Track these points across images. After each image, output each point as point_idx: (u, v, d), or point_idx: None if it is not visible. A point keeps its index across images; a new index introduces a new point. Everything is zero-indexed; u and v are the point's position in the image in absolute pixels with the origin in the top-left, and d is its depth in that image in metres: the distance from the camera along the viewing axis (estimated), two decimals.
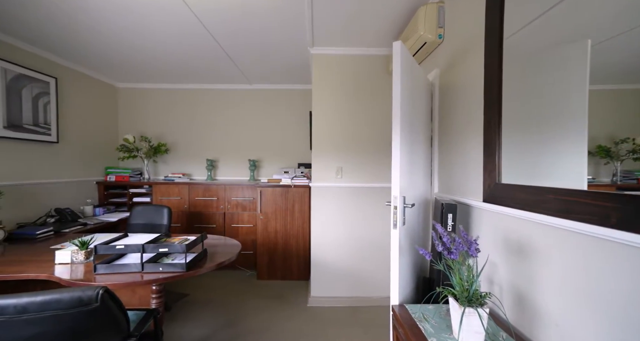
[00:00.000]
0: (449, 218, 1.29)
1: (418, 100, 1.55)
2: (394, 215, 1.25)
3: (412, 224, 1.44)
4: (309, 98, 3.61)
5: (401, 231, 1.26)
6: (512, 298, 0.99)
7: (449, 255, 0.93)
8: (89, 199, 3.11)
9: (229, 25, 2.12)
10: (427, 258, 1.00)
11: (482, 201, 1.20)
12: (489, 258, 1.06)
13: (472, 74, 1.36)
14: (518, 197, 0.94)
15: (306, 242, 2.97)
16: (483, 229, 1.22)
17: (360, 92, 2.58)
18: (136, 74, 3.28)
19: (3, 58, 2.27)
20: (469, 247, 0.92)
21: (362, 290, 2.57)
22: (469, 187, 1.37)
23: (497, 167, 1.10)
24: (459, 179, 1.47)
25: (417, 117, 1.53)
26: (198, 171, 3.66)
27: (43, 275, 1.42)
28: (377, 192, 2.57)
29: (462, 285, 0.90)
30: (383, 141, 2.58)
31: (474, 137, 1.33)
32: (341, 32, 2.24)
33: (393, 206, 1.26)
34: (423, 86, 1.65)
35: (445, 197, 1.53)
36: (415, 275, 1.47)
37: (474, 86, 1.33)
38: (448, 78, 1.63)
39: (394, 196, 1.26)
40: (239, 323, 2.19)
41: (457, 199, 1.41)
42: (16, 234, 2.08)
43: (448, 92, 1.63)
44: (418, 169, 1.57)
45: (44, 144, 2.63)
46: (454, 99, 1.54)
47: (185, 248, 1.48)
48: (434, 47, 1.76)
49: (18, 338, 0.95)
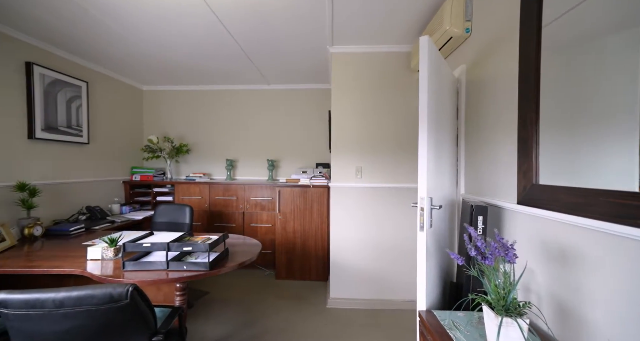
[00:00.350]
0: (479, 221, 1.22)
1: (444, 97, 1.49)
2: (421, 217, 1.20)
3: (438, 227, 1.38)
4: (326, 98, 3.59)
5: (428, 233, 1.21)
6: (553, 309, 0.92)
7: (483, 260, 0.88)
8: (116, 197, 3.25)
9: (248, 26, 2.14)
10: (458, 262, 0.95)
11: (516, 203, 1.13)
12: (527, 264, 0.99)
13: (503, 68, 1.28)
14: (562, 199, 0.87)
15: (325, 242, 2.95)
16: (517, 233, 1.15)
17: (380, 91, 2.53)
18: (160, 77, 3.38)
19: (42, 64, 2.41)
20: (506, 253, 0.86)
21: (382, 292, 2.52)
22: (499, 188, 1.30)
23: (534, 168, 1.03)
24: (488, 180, 1.39)
25: (443, 116, 1.47)
26: (218, 171, 3.73)
27: (77, 270, 1.49)
28: (398, 192, 2.51)
29: (498, 293, 0.85)
30: (405, 140, 2.51)
31: (505, 136, 1.26)
32: (361, 30, 2.20)
33: (420, 208, 1.21)
34: (449, 82, 1.58)
35: (473, 198, 1.46)
36: (441, 280, 1.41)
37: (506, 81, 1.25)
38: (476, 74, 1.55)
39: (420, 197, 1.21)
40: (259, 323, 2.20)
41: (487, 201, 1.34)
42: (52, 230, 2.19)
43: (475, 89, 1.55)
44: (444, 169, 1.50)
45: (76, 145, 2.77)
46: (482, 96, 1.47)
47: (209, 247, 1.50)
48: (461, 41, 1.69)
49: (57, 331, 0.99)
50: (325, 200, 2.94)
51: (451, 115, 1.64)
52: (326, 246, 2.95)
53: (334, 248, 2.56)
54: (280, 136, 3.69)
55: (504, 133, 1.27)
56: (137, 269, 1.48)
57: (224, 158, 3.69)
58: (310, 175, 3.02)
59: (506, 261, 0.87)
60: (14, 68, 2.24)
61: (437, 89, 1.35)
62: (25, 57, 2.32)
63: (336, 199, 2.55)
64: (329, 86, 3.59)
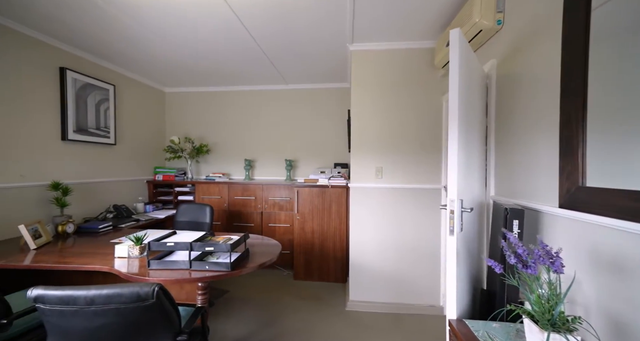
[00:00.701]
0: (514, 225, 1.14)
1: (474, 94, 1.41)
2: (451, 220, 1.14)
3: (467, 230, 1.31)
4: (345, 97, 3.54)
5: (459, 237, 1.15)
6: (607, 324, 0.84)
7: (525, 269, 0.81)
8: (140, 196, 3.36)
9: (268, 25, 2.14)
10: (496, 270, 0.88)
11: (558, 206, 1.04)
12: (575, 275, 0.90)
13: (541, 61, 1.19)
14: (616, 204, 0.79)
15: (343, 243, 2.91)
16: (558, 239, 1.06)
17: (402, 89, 2.45)
18: (181, 79, 3.47)
19: (74, 69, 2.53)
20: (552, 261, 0.79)
21: (404, 296, 2.44)
22: (536, 190, 1.21)
23: (580, 169, 0.94)
24: (523, 182, 1.30)
25: (472, 113, 1.39)
26: (237, 171, 3.78)
27: (105, 268, 1.53)
28: (420, 193, 2.42)
29: (542, 305, 0.78)
30: (427, 140, 2.43)
31: (544, 134, 1.17)
32: (383, 26, 2.14)
33: (449, 210, 1.15)
34: (479, 78, 1.50)
35: (506, 200, 1.37)
36: (471, 286, 1.34)
37: (545, 75, 1.16)
38: (508, 68, 1.46)
39: (450, 200, 1.15)
40: (279, 323, 2.20)
41: (522, 204, 1.25)
42: (83, 227, 2.29)
43: (508, 85, 1.46)
44: (473, 170, 1.43)
45: (104, 146, 2.89)
46: (516, 92, 1.38)
47: (230, 248, 1.50)
48: (491, 34, 1.59)
49: (89, 328, 1.02)
50: (344, 201, 2.89)
51: (481, 113, 1.56)
52: (345, 247, 2.91)
53: (353, 249, 2.51)
54: (298, 135, 3.68)
55: (542, 132, 1.18)
56: (162, 268, 1.50)
57: (243, 158, 3.73)
58: (329, 175, 2.99)
59: (551, 271, 0.80)
60: (49, 73, 2.36)
61: (468, 85, 1.28)
62: (59, 62, 2.44)
63: (356, 200, 2.50)
64: (347, 85, 3.54)
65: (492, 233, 1.34)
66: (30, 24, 2.11)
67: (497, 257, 1.19)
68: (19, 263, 1.62)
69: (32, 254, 1.76)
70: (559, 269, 0.78)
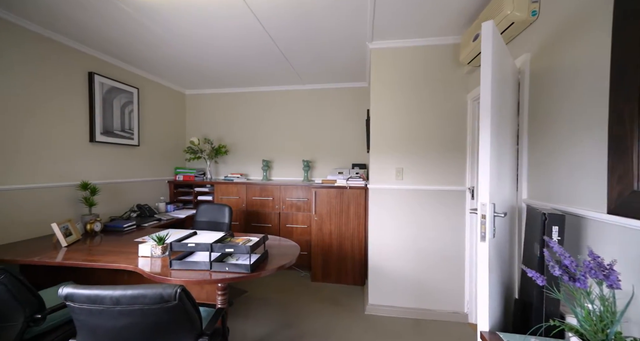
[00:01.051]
0: (553, 232, 1.05)
1: (506, 91, 1.32)
2: (482, 225, 1.07)
3: (499, 236, 1.23)
4: (362, 97, 3.48)
5: (491, 244, 1.07)
6: None
7: (573, 282, 0.73)
8: (162, 196, 3.45)
9: (286, 25, 2.12)
10: (539, 282, 0.81)
11: (607, 212, 0.94)
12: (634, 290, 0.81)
13: (585, 53, 1.09)
14: None
15: (362, 245, 2.85)
16: (606, 248, 0.97)
17: (423, 87, 2.37)
18: (201, 81, 3.53)
19: (101, 74, 2.63)
20: (605, 275, 0.71)
21: (425, 301, 2.36)
22: (578, 194, 1.11)
23: (635, 171, 0.85)
24: (562, 184, 1.20)
25: (504, 112, 1.31)
26: (254, 171, 3.80)
27: (130, 267, 1.57)
28: (443, 195, 2.33)
29: (594, 324, 0.70)
30: (451, 139, 2.33)
31: (587, 133, 1.07)
32: (404, 22, 2.07)
33: (481, 215, 1.08)
34: (510, 74, 1.40)
35: (542, 205, 1.28)
36: (502, 296, 1.25)
37: (589, 69, 1.06)
38: (544, 63, 1.36)
39: (482, 203, 1.08)
40: (297, 325, 2.18)
41: (561, 209, 1.15)
42: (109, 226, 2.37)
43: (544, 80, 1.36)
44: (504, 172, 1.34)
45: (128, 147, 2.99)
46: (553, 88, 1.28)
47: (250, 249, 1.49)
48: (524, 27, 1.49)
49: (115, 327, 1.03)
50: (362, 202, 2.84)
51: (511, 110, 1.46)
52: (363, 249, 2.85)
53: (373, 252, 2.45)
54: (315, 136, 3.66)
55: (586, 130, 1.08)
56: (183, 269, 1.52)
57: (260, 159, 3.75)
58: (347, 176, 2.94)
59: (605, 285, 0.72)
60: (79, 78, 2.47)
61: (500, 82, 1.19)
62: (88, 67, 2.54)
63: (375, 201, 2.44)
64: (365, 84, 3.48)
65: (526, 240, 1.25)
66: (63, 31, 2.21)
67: (532, 266, 1.10)
68: (52, 260, 1.69)
69: (63, 252, 1.83)
70: (614, 283, 0.70)
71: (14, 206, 2.01)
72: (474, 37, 1.85)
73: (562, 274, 0.76)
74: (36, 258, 1.71)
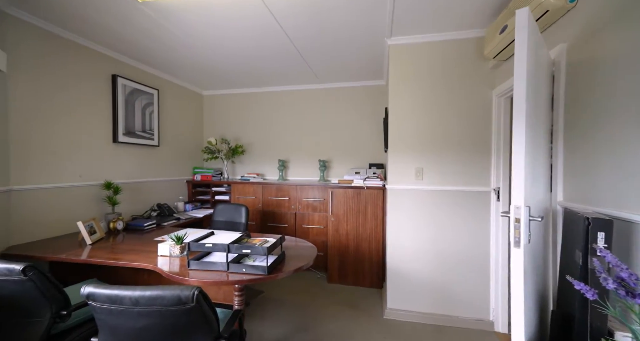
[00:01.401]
0: (598, 238, 0.95)
1: (540, 85, 1.22)
2: (516, 230, 0.98)
3: (533, 241, 1.13)
4: (380, 95, 3.40)
5: (526, 250, 0.99)
6: None
7: (632, 298, 0.65)
8: (180, 196, 3.52)
9: (303, 24, 2.09)
10: (589, 297, 0.72)
11: None
12: None
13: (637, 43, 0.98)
14: None
15: (379, 247, 2.78)
16: None
17: (444, 83, 2.27)
18: (218, 81, 3.57)
19: (123, 76, 2.70)
20: None
21: (446, 307, 2.26)
22: (629, 197, 1.00)
23: None
24: (608, 186, 1.09)
25: (538, 108, 1.21)
26: (270, 171, 3.81)
27: (149, 266, 1.59)
28: (466, 196, 2.22)
29: None
30: (475, 138, 2.22)
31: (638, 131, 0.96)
32: (424, 16, 1.98)
33: (514, 219, 0.99)
34: (544, 67, 1.30)
35: (581, 208, 1.17)
36: (538, 306, 1.16)
37: None
38: (583, 54, 1.24)
39: (515, 206, 0.99)
40: (314, 328, 2.14)
41: (607, 213, 1.05)
42: (130, 225, 2.43)
43: (583, 73, 1.24)
44: (539, 172, 1.24)
45: (149, 147, 3.06)
46: (596, 80, 1.16)
47: (267, 251, 1.46)
48: (560, 15, 1.37)
49: (134, 327, 1.04)
50: (380, 202, 2.76)
51: (545, 106, 1.35)
52: (381, 251, 2.78)
53: (391, 254, 2.38)
54: (332, 135, 3.61)
55: (635, 127, 0.97)
56: (200, 269, 1.52)
57: (276, 159, 3.75)
58: (364, 176, 2.88)
59: None
60: (103, 81, 2.55)
61: (535, 75, 1.10)
62: (112, 70, 2.62)
63: (393, 202, 2.36)
64: (382, 82, 3.39)
65: (564, 246, 1.15)
66: (88, 35, 2.29)
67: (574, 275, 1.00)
68: (77, 258, 1.75)
69: (87, 249, 1.89)
70: None
71: (43, 205, 2.10)
72: (501, 29, 1.74)
73: (617, 287, 0.67)
74: (63, 255, 1.77)
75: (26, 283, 1.28)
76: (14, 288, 1.29)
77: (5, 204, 1.88)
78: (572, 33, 1.33)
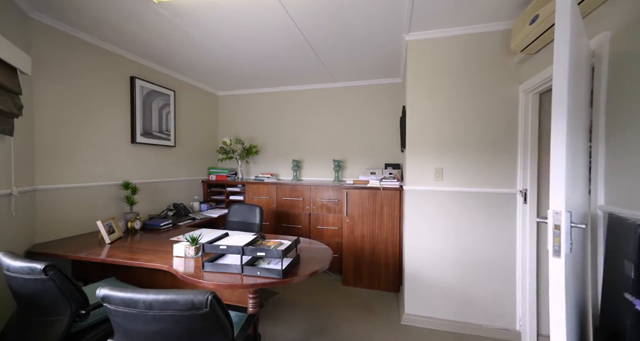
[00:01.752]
0: None
1: (580, 78, 1.11)
2: (556, 238, 0.89)
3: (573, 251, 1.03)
4: (396, 93, 3.30)
5: (567, 261, 0.89)
6: None
7: None
8: (196, 196, 3.56)
9: (320, 24, 2.04)
10: None
11: None
12: None
13: None
14: None
15: (396, 250, 2.69)
16: None
17: (465, 80, 2.15)
18: (233, 82, 3.58)
19: (141, 78, 2.75)
20: None
21: (469, 314, 2.15)
22: None
23: None
24: None
25: (577, 103, 1.10)
26: (284, 171, 3.78)
27: (165, 267, 1.59)
28: (489, 198, 2.10)
29: None
30: (499, 137, 2.09)
31: None
32: (446, 8, 1.88)
33: (553, 225, 0.90)
34: (584, 57, 1.18)
35: (629, 213, 1.05)
36: (578, 323, 1.05)
37: None
38: (631, 43, 1.12)
39: (555, 212, 0.90)
40: (330, 332, 2.09)
41: None
42: (147, 224, 2.47)
43: (629, 64, 1.12)
44: (577, 173, 1.13)
45: (166, 148, 3.11)
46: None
47: (282, 254, 1.42)
48: (601, 1, 1.25)
49: (148, 331, 1.02)
50: (397, 204, 2.67)
51: (584, 102, 1.23)
52: (398, 254, 2.69)
53: (409, 257, 2.29)
54: (346, 135, 3.54)
55: None
56: (215, 271, 1.50)
57: (290, 159, 3.72)
58: (380, 176, 2.80)
59: None
60: (122, 82, 2.60)
61: (576, 68, 1.00)
62: (130, 72, 2.67)
63: (411, 204, 2.27)
64: (399, 80, 3.29)
65: (609, 256, 1.04)
66: (107, 38, 2.33)
67: (622, 289, 0.90)
68: (96, 257, 1.77)
69: (107, 248, 1.92)
70: None
71: (65, 204, 2.16)
72: (532, 20, 1.62)
73: None
74: (83, 255, 1.80)
75: (47, 282, 1.30)
76: (36, 286, 1.32)
77: (31, 203, 1.94)
78: (617, 20, 1.20)
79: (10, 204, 1.73)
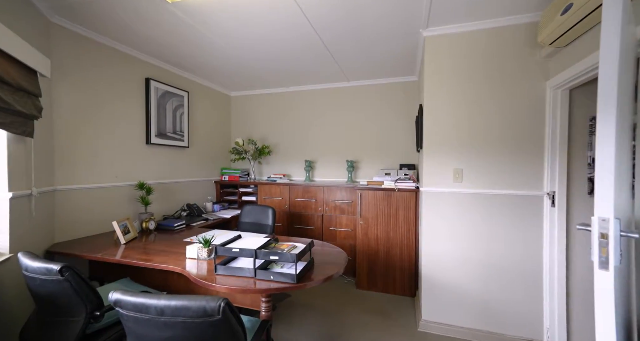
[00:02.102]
0: None
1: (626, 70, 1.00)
2: (603, 248, 0.80)
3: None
4: (411, 92, 3.19)
5: (616, 274, 0.80)
6: None
7: None
8: (209, 196, 3.57)
9: (335, 23, 1.98)
10: None
11: None
12: None
13: None
14: None
15: (412, 253, 2.60)
16: None
17: (486, 76, 2.04)
18: (245, 83, 3.57)
19: (156, 79, 2.77)
20: None
21: (491, 323, 2.04)
22: None
23: None
24: None
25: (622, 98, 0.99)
26: (297, 172, 3.75)
27: (178, 269, 1.57)
28: (513, 201, 1.99)
29: None
30: (523, 136, 1.98)
31: None
32: (466, 3, 1.79)
33: (599, 234, 0.81)
34: (631, 47, 1.07)
35: None
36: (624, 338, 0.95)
37: None
38: None
39: (601, 219, 0.81)
40: (345, 338, 2.03)
41: None
42: (161, 225, 2.48)
43: None
44: (623, 175, 1.02)
45: (179, 148, 3.13)
46: None
47: (296, 258, 1.38)
48: None
49: (160, 337, 0.99)
50: (413, 206, 2.58)
51: (630, 96, 1.12)
52: (414, 257, 2.60)
53: (426, 261, 2.19)
54: (360, 135, 3.46)
55: None
56: (227, 274, 1.47)
57: (303, 159, 3.68)
58: (395, 177, 2.71)
59: None
60: (137, 84, 2.63)
61: (624, 60, 0.90)
62: (145, 73, 2.69)
63: (428, 206, 2.17)
64: (414, 78, 3.18)
65: None
66: (123, 40, 2.35)
67: None
68: (112, 257, 1.78)
69: (122, 249, 1.93)
70: None
71: (83, 204, 2.19)
72: (564, 9, 1.50)
73: None
74: (99, 255, 1.81)
75: (63, 283, 1.30)
76: (53, 287, 1.32)
77: (50, 204, 1.97)
78: None
79: (31, 204, 1.76)
